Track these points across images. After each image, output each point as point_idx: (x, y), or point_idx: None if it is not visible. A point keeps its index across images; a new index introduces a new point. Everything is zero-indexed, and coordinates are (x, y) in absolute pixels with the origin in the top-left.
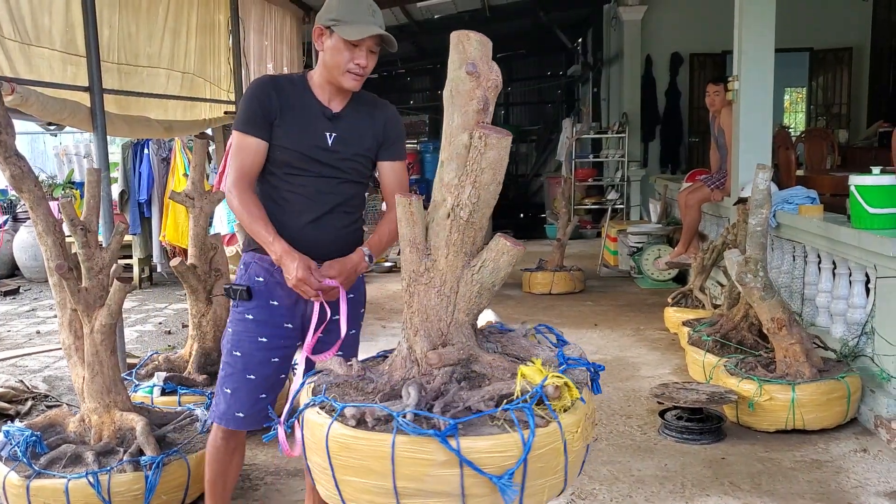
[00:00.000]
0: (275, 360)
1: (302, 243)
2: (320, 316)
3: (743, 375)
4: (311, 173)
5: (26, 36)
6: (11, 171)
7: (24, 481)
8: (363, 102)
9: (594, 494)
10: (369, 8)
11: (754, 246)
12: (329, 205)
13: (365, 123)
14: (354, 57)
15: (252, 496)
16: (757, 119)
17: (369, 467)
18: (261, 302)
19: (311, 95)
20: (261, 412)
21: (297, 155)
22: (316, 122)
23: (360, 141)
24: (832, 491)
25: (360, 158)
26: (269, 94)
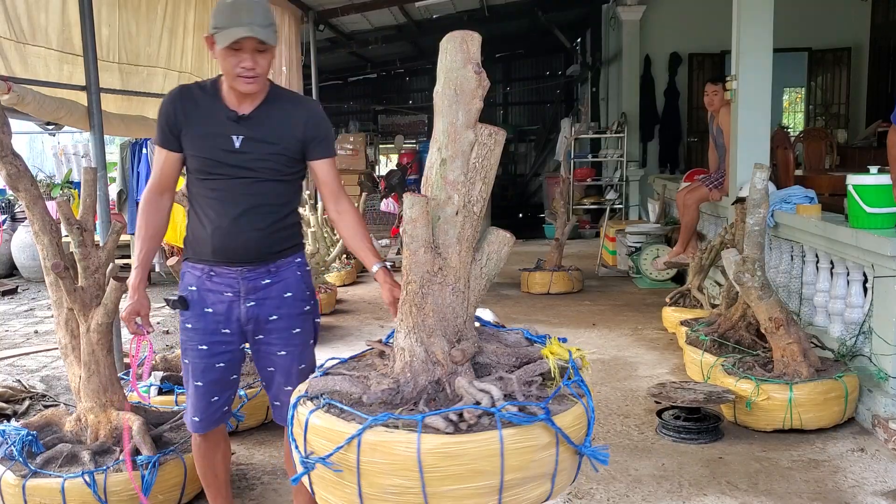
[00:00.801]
0: (220, 364)
1: (219, 244)
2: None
3: (740, 375)
4: (222, 176)
5: (22, 35)
6: (7, 171)
7: (20, 481)
8: (280, 101)
9: (591, 494)
10: (245, 9)
11: (752, 245)
12: (244, 206)
13: (280, 122)
14: (240, 61)
15: (249, 496)
16: (755, 119)
17: (476, 469)
18: (196, 310)
19: (219, 100)
20: (214, 414)
21: (204, 160)
22: (221, 126)
23: (274, 139)
24: (829, 490)
25: (276, 157)
26: (174, 106)
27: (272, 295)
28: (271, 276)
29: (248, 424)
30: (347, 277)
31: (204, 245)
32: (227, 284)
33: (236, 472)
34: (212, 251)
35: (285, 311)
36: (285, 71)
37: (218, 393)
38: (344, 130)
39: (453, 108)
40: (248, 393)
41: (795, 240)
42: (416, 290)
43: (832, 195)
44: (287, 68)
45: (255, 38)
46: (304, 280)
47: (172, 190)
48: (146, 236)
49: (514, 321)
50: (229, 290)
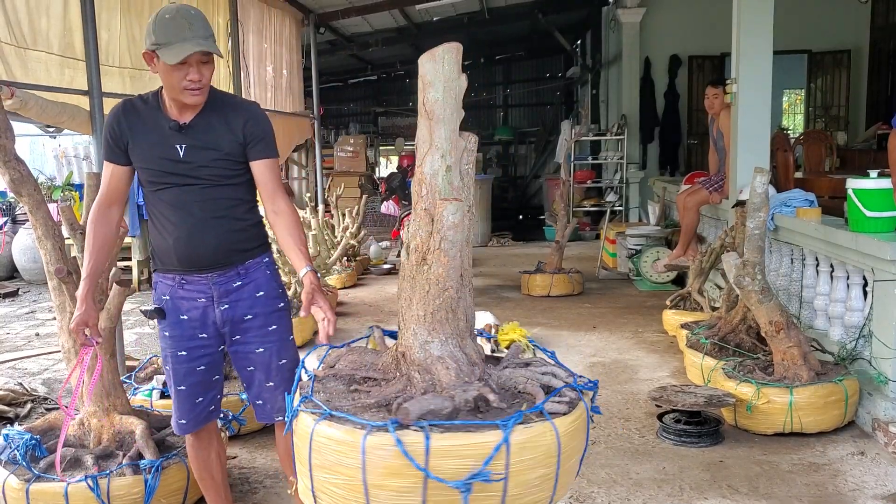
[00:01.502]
0: (200, 367)
1: (183, 252)
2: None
3: (741, 378)
4: (171, 185)
5: (23, 39)
6: (11, 175)
7: (24, 485)
8: (219, 107)
9: (592, 497)
10: (186, 23)
11: (752, 249)
12: (198, 213)
13: (219, 128)
14: (186, 74)
15: (251, 499)
16: (755, 121)
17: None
18: (172, 319)
19: (161, 112)
20: (200, 414)
21: (152, 171)
22: (165, 137)
23: (216, 145)
24: (829, 494)
25: (220, 162)
26: (118, 121)
27: (244, 296)
28: (241, 277)
29: (249, 428)
30: (348, 280)
31: (169, 255)
32: (199, 290)
33: (238, 475)
34: (178, 260)
35: (259, 309)
36: (286, 74)
37: (202, 394)
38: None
39: (454, 117)
40: None
41: (795, 243)
42: (454, 296)
43: (832, 198)
44: (287, 71)
45: (200, 51)
46: (273, 278)
47: (121, 203)
48: (94, 248)
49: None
50: (202, 295)
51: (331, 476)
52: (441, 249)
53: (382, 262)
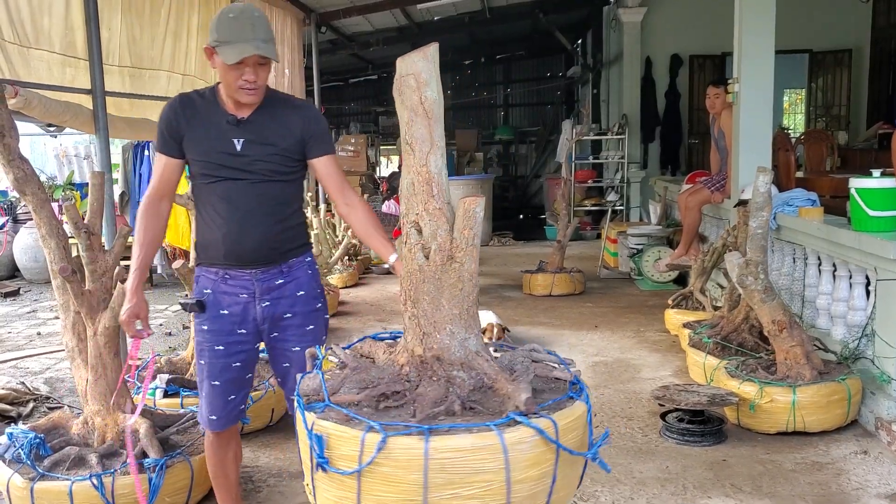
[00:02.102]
0: (236, 364)
1: (230, 247)
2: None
3: (744, 377)
4: (226, 178)
5: (25, 38)
6: (15, 174)
7: (28, 483)
8: (277, 105)
9: (595, 496)
10: (249, 25)
11: (755, 248)
12: (248, 207)
13: (278, 124)
14: (242, 74)
15: (255, 498)
16: (757, 121)
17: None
18: (212, 312)
19: (218, 106)
20: (232, 412)
21: (207, 164)
22: (223, 131)
23: (273, 140)
24: (833, 493)
25: (276, 158)
26: (175, 113)
27: (286, 294)
28: (284, 275)
29: (253, 427)
30: (350, 279)
31: (216, 249)
32: (242, 286)
33: (242, 474)
34: (224, 254)
35: (299, 308)
36: (287, 73)
37: (234, 392)
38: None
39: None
40: (254, 396)
41: (798, 242)
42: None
43: (833, 197)
44: (289, 70)
45: (258, 55)
46: (314, 278)
47: (171, 196)
48: (144, 241)
49: (517, 323)
50: (244, 291)
51: (462, 489)
52: (474, 245)
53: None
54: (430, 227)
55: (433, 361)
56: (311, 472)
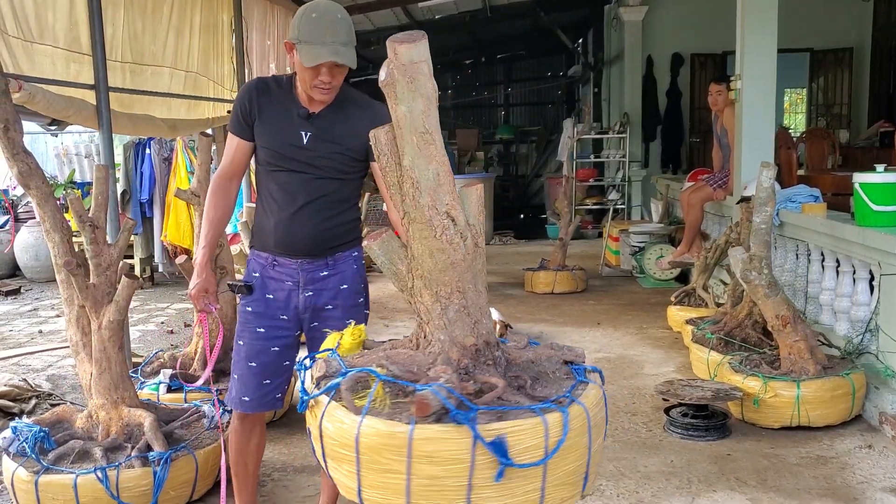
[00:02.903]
0: (275, 348)
1: (281, 236)
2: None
3: (748, 372)
4: (288, 170)
5: (29, 33)
6: (19, 168)
7: (33, 477)
8: (349, 103)
9: (601, 490)
10: (330, 27)
11: (759, 243)
12: (304, 200)
13: (347, 123)
14: (318, 74)
15: (259, 492)
16: (759, 118)
17: None
18: (258, 295)
19: (292, 97)
20: (265, 396)
21: (273, 152)
22: (293, 122)
23: (339, 140)
24: (838, 486)
25: (340, 157)
26: (250, 97)
27: (329, 286)
28: (329, 268)
29: None
30: None
31: (268, 236)
32: (288, 274)
33: None
34: (274, 242)
35: (340, 301)
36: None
37: (270, 376)
38: None
39: None
40: None
41: (801, 238)
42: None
43: (835, 195)
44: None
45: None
46: (359, 273)
47: (240, 177)
48: (213, 218)
49: (519, 321)
50: (289, 279)
51: None
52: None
53: None
54: (461, 217)
55: (485, 348)
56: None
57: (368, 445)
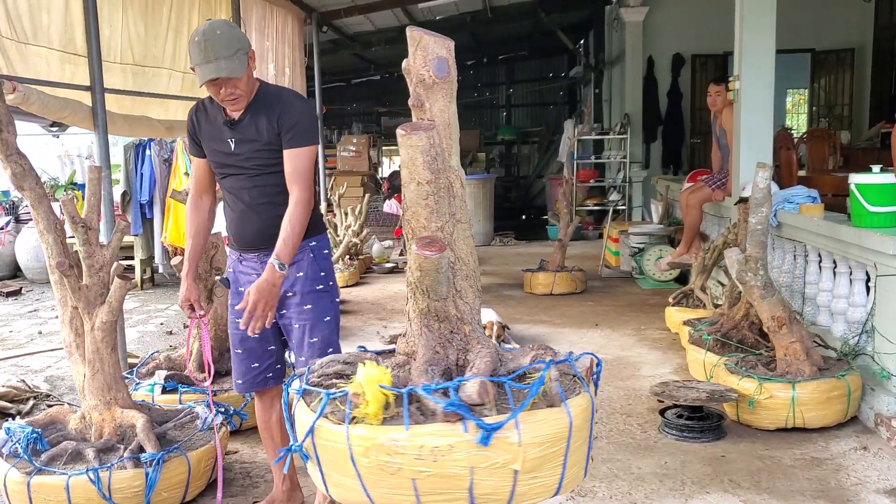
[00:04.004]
0: (254, 335)
1: (237, 232)
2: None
3: (743, 374)
4: (228, 174)
5: (23, 34)
6: (13, 169)
7: (25, 478)
8: (264, 102)
9: (594, 492)
10: (211, 47)
11: (755, 244)
12: (246, 199)
13: (262, 120)
14: (218, 89)
15: (252, 493)
16: (758, 119)
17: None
18: (233, 289)
19: (220, 110)
20: (256, 378)
21: (214, 162)
22: (221, 132)
23: (258, 137)
24: (832, 488)
25: (262, 153)
26: (191, 120)
27: (288, 275)
28: None
29: (251, 423)
30: (351, 278)
31: (231, 234)
32: (252, 267)
33: (239, 469)
34: (234, 240)
35: (298, 288)
36: (288, 72)
37: (256, 360)
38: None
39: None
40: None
41: (798, 239)
42: None
43: (835, 195)
44: (290, 70)
45: (215, 78)
46: (316, 262)
47: (210, 191)
48: (190, 233)
49: (518, 321)
50: (254, 272)
51: None
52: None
53: (385, 261)
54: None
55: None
56: None
57: None
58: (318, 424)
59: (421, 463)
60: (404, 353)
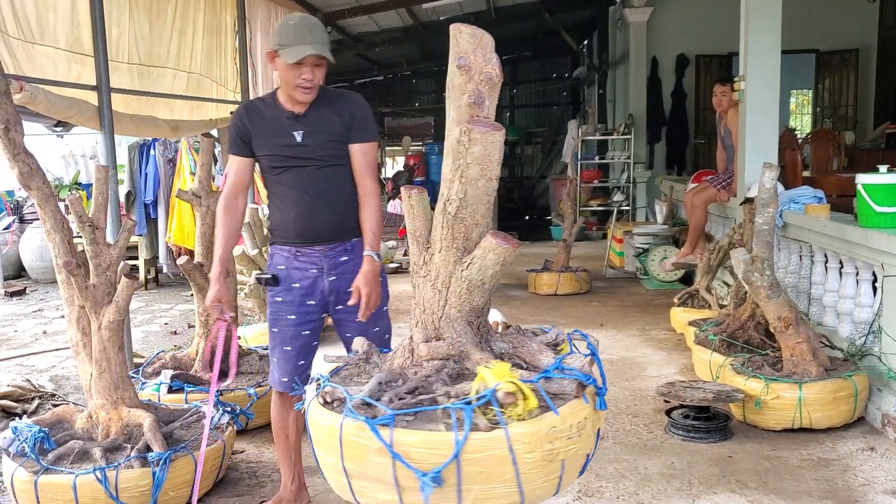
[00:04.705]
0: (305, 332)
1: (302, 227)
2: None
3: (750, 374)
4: (292, 167)
5: (30, 34)
6: (20, 169)
7: (33, 477)
8: (328, 99)
9: (601, 492)
10: (307, 30)
11: (761, 245)
12: (315, 191)
13: (331, 115)
14: (300, 73)
15: (259, 493)
16: (763, 119)
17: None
18: (285, 286)
19: (278, 107)
20: (301, 375)
21: (274, 157)
22: (284, 126)
23: (328, 129)
24: (839, 489)
25: (331, 143)
26: (242, 119)
27: (350, 270)
28: (348, 253)
29: (257, 423)
30: None
31: (288, 230)
32: (312, 262)
33: (246, 469)
34: (296, 234)
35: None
36: None
37: (304, 357)
38: None
39: (448, 105)
40: (258, 391)
41: (804, 240)
42: (411, 280)
43: (840, 196)
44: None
45: (315, 55)
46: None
47: (245, 192)
48: (225, 234)
49: (522, 322)
50: (314, 267)
51: None
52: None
53: (389, 261)
54: None
55: None
56: None
57: None
58: (469, 438)
59: (571, 442)
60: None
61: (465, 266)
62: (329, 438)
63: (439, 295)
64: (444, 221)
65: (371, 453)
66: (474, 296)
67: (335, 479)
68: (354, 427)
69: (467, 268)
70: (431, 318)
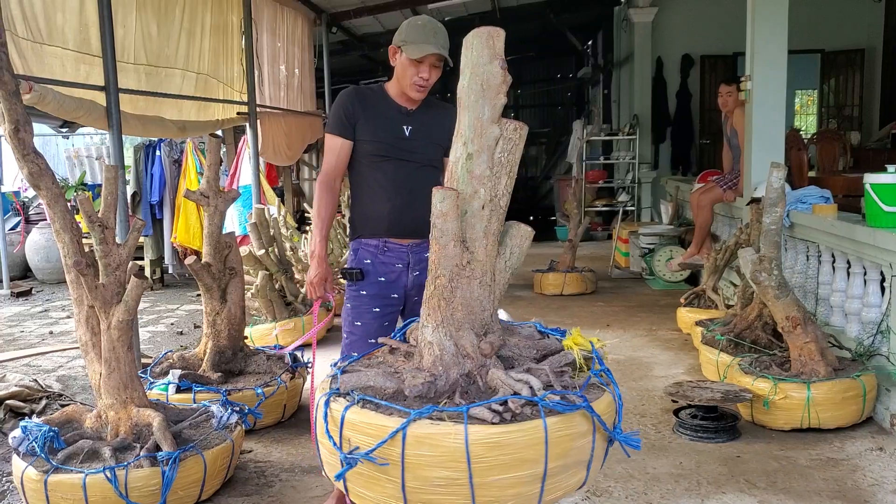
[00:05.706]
0: (386, 324)
1: (396, 219)
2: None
3: (757, 374)
4: (395, 159)
5: (38, 35)
6: (30, 169)
7: (42, 476)
8: (432, 104)
9: (609, 492)
10: (432, 31)
11: (769, 244)
12: (412, 186)
13: (436, 119)
14: (419, 71)
15: (267, 493)
16: (769, 119)
17: (522, 458)
18: (371, 279)
19: (388, 99)
20: None
21: (380, 144)
22: (395, 118)
23: (434, 132)
24: (848, 489)
25: (435, 147)
26: (352, 101)
27: (419, 270)
28: None
29: (265, 423)
30: None
31: (379, 222)
32: (398, 257)
33: (254, 469)
34: (388, 227)
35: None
36: (298, 73)
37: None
38: None
39: (479, 103)
40: (266, 391)
41: (811, 240)
42: (446, 285)
43: (846, 196)
44: (299, 70)
45: (436, 55)
46: None
47: (343, 174)
48: (326, 216)
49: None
50: (400, 262)
51: None
52: (433, 237)
53: None
54: None
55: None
56: None
57: None
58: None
59: None
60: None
61: (507, 257)
62: (529, 448)
63: (489, 290)
64: (492, 216)
65: (577, 439)
66: (507, 284)
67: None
68: (562, 420)
69: (510, 258)
70: (481, 316)
